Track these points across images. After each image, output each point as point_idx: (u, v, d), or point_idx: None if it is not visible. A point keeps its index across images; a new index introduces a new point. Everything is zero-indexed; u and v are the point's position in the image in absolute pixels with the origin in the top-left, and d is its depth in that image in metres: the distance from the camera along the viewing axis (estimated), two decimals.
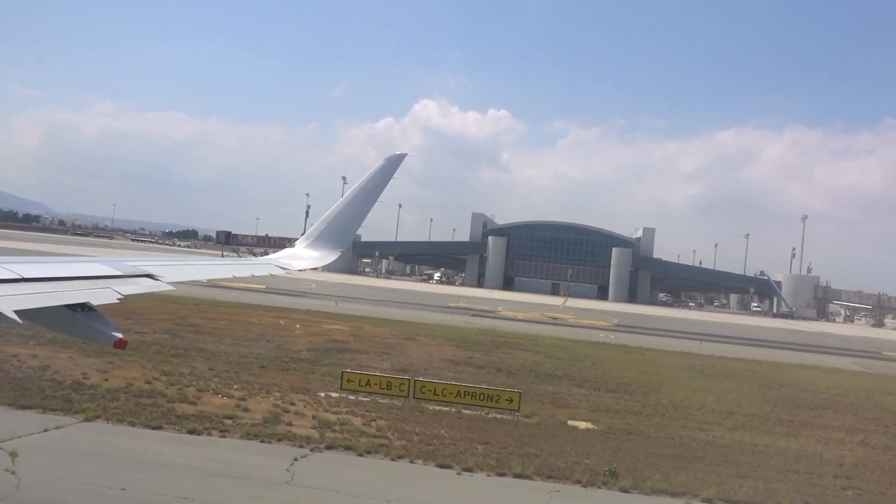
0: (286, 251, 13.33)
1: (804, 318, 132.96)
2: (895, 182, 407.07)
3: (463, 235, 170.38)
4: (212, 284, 69.85)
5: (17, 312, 6.01)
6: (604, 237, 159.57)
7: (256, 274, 11.51)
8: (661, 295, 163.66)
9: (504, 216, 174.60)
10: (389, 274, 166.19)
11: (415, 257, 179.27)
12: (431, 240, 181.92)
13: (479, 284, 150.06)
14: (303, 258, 12.60)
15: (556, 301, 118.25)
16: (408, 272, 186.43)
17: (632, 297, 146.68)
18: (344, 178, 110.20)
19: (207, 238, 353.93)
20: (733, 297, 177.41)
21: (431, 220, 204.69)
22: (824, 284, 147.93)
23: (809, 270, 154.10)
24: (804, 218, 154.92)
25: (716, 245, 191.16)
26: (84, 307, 6.95)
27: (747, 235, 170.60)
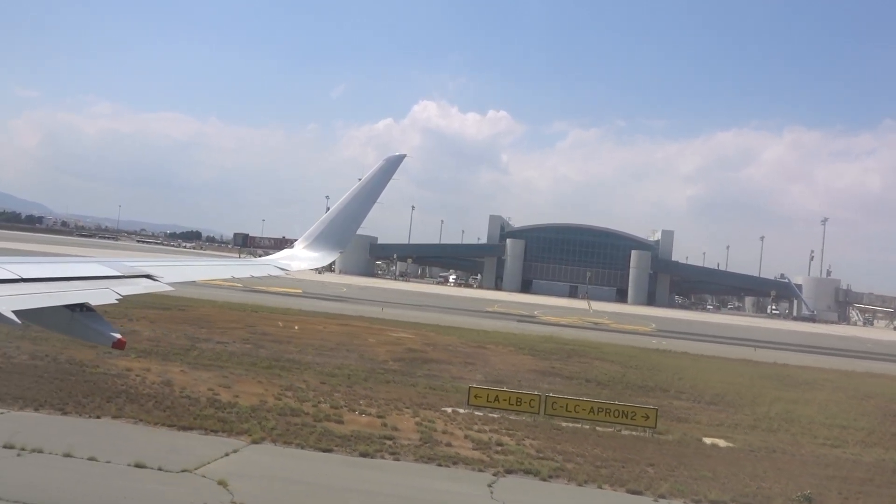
0: (285, 252, 13.16)
1: (826, 322, 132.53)
2: (894, 183, 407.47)
3: (470, 237, 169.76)
4: (247, 288, 69.22)
5: (16, 313, 5.96)
6: (622, 240, 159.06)
7: (255, 275, 11.51)
8: (675, 297, 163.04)
9: (504, 217, 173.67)
10: (403, 276, 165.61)
11: (430, 259, 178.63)
12: (442, 242, 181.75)
13: (497, 287, 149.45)
14: (302, 259, 12.48)
15: (580, 304, 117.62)
16: (419, 274, 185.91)
17: (650, 300, 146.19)
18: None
19: (210, 239, 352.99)
20: (748, 300, 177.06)
21: (442, 221, 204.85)
22: (845, 287, 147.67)
23: (829, 273, 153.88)
24: (824, 220, 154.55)
25: (727, 247, 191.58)
26: (83, 307, 6.90)
27: (762, 238, 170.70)
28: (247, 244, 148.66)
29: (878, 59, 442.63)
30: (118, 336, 6.79)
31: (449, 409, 24.19)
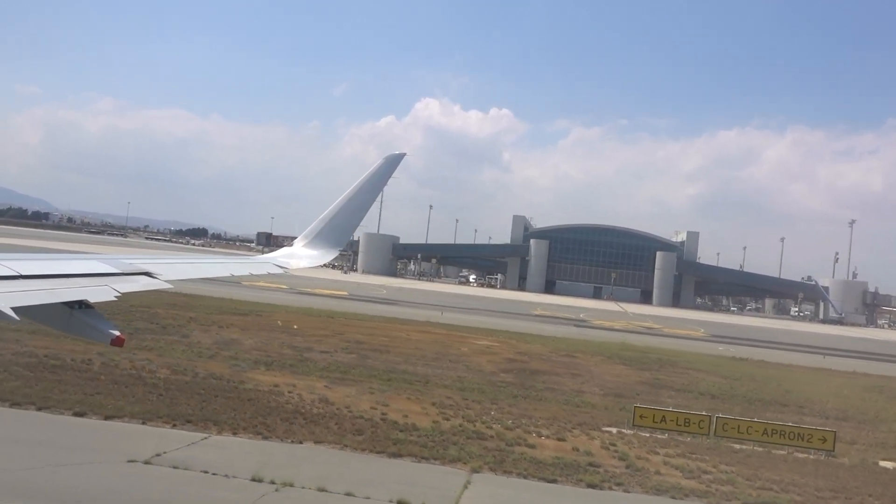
0: (284, 250, 13.21)
1: (854, 325, 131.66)
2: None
3: (482, 237, 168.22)
4: (295, 290, 68.35)
5: (15, 309, 5.94)
6: (646, 241, 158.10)
7: (255, 272, 11.41)
8: (696, 298, 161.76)
9: (505, 216, 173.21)
10: (422, 276, 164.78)
11: (453, 260, 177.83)
12: (458, 241, 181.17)
13: (521, 288, 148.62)
14: (301, 257, 12.46)
15: (610, 306, 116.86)
16: (438, 274, 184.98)
17: (675, 302, 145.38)
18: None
19: (217, 237, 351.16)
20: (768, 302, 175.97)
21: (457, 220, 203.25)
22: (873, 290, 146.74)
23: (855, 275, 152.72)
24: (852, 223, 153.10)
25: (744, 248, 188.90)
26: (82, 305, 6.86)
27: (783, 239, 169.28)
28: (270, 243, 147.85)
29: (881, 59, 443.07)
30: (117, 333, 6.73)
31: (613, 430, 23.29)
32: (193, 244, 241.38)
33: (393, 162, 13.36)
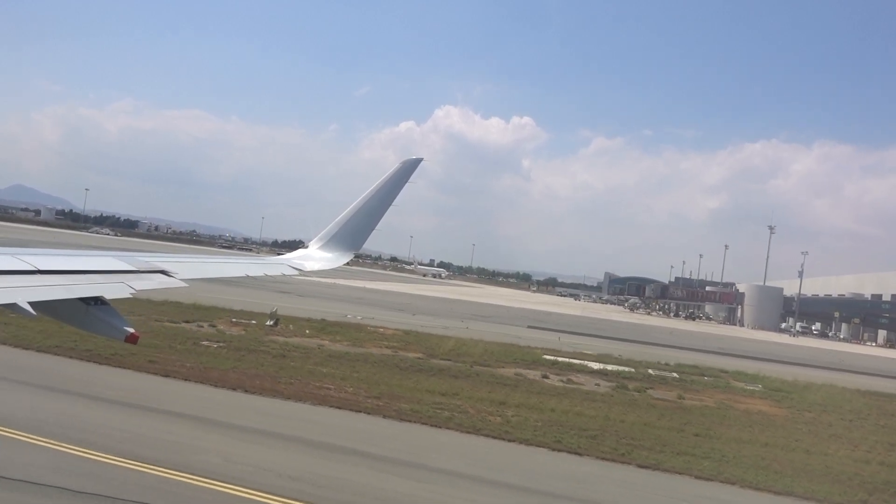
0: (299, 252, 13.17)
1: None
2: None
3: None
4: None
5: (31, 304, 6.05)
6: None
7: (269, 273, 11.37)
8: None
9: (517, 223, 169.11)
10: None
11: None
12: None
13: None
14: (316, 259, 12.54)
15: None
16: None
17: None
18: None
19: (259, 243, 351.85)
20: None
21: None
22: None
23: None
24: None
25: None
26: (97, 301, 6.99)
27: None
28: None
29: None
30: (131, 330, 6.87)
31: None
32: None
33: (410, 167, 13.28)
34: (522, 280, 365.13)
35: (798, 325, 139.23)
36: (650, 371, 41.51)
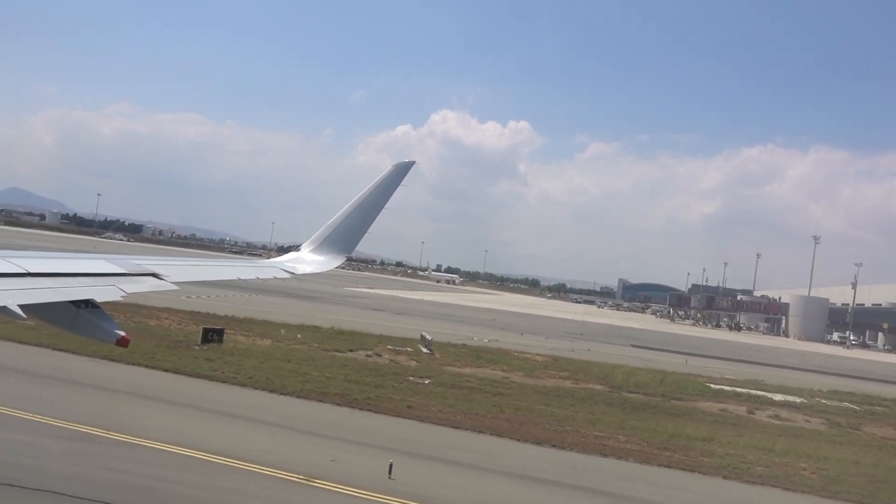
0: (291, 255, 13.10)
1: None
2: None
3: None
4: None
5: (22, 307, 6.00)
6: None
7: (261, 276, 11.46)
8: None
9: (513, 228, 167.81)
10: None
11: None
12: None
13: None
14: (308, 262, 12.46)
15: None
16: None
17: None
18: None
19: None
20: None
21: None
22: None
23: None
24: None
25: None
26: (88, 304, 6.91)
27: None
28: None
29: None
30: (122, 333, 6.81)
31: None
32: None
33: (402, 170, 13.15)
34: (531, 286, 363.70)
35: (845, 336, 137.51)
36: (823, 401, 40.17)
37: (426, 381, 30.41)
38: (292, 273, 11.57)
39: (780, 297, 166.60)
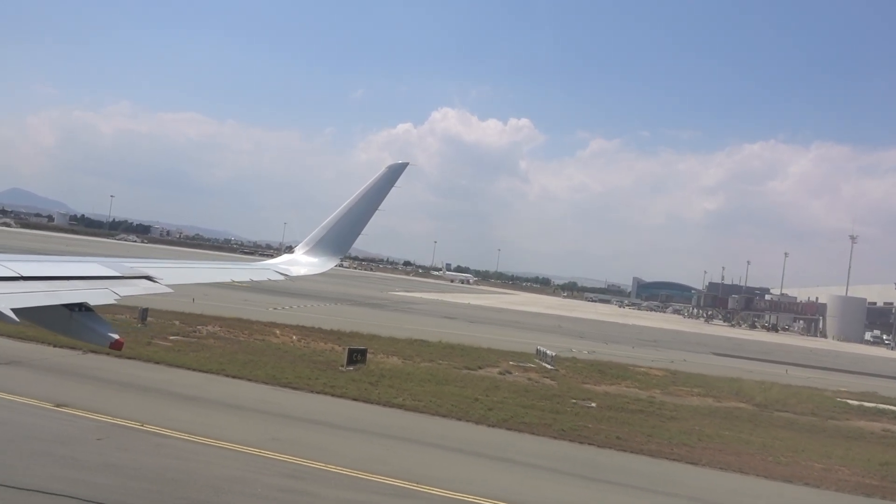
0: (285, 257, 13.07)
1: None
2: None
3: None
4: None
5: (15, 311, 5.95)
6: None
7: (255, 279, 11.34)
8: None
9: (514, 225, 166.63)
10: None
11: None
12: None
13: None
14: (302, 264, 12.47)
15: None
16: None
17: None
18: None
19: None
20: None
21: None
22: None
23: None
24: None
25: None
26: (82, 307, 6.90)
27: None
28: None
29: None
30: (116, 337, 6.75)
31: None
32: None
33: (396, 171, 13.12)
34: (543, 285, 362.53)
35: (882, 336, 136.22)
36: None
37: (592, 405, 28.97)
38: (286, 275, 11.52)
39: (816, 297, 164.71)
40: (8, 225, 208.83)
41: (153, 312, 36.59)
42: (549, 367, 38.33)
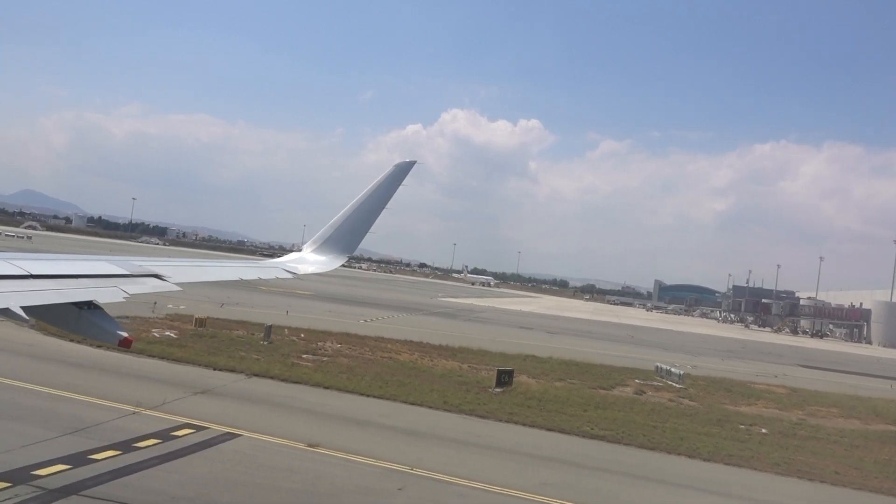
0: (293, 255, 13.02)
1: None
2: None
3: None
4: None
5: (24, 309, 5.97)
6: None
7: (263, 277, 11.37)
8: None
9: (524, 227, 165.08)
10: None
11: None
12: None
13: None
14: (310, 262, 12.40)
15: None
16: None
17: None
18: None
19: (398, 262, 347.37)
20: None
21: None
22: None
23: None
24: None
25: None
26: (90, 305, 6.88)
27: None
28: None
29: None
30: (125, 335, 6.78)
31: None
32: None
33: (403, 169, 13.04)
34: (561, 287, 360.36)
35: None
36: None
37: (763, 430, 27.56)
38: (294, 273, 11.52)
39: (856, 303, 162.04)
40: (34, 227, 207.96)
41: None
42: (677, 385, 36.96)
